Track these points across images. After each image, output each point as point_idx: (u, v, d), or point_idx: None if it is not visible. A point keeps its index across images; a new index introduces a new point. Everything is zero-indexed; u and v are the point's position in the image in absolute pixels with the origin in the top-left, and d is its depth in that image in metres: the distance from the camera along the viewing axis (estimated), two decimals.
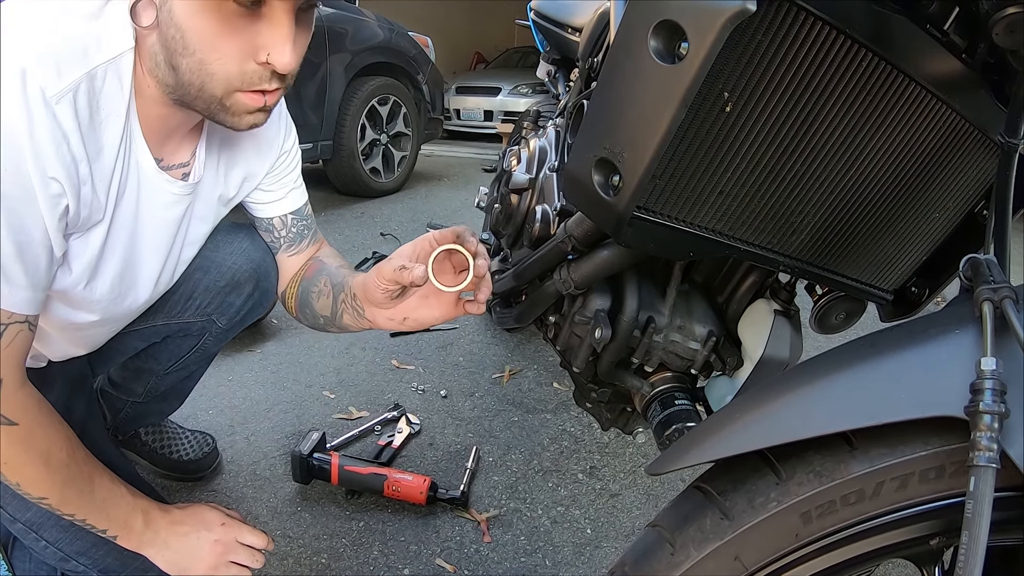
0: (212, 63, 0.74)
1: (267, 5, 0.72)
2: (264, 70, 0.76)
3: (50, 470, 0.81)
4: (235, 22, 0.72)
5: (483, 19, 12.06)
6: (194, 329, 1.16)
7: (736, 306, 1.01)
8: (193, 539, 0.96)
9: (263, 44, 0.74)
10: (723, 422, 0.55)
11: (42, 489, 0.81)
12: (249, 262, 1.11)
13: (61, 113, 0.70)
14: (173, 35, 0.72)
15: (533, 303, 1.09)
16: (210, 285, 1.11)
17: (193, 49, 0.73)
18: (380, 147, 4.21)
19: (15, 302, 0.73)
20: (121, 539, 0.91)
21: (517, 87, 8.04)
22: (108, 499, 0.89)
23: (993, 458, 0.42)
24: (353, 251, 3.11)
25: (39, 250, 0.73)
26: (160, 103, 0.81)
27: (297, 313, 1.15)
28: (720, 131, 0.65)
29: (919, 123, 0.71)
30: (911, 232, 0.83)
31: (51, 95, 0.68)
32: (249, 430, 1.66)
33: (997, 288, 0.47)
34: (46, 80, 0.68)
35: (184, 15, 0.71)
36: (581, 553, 1.31)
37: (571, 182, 0.74)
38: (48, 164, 0.69)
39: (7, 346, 0.74)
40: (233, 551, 0.98)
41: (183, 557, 0.95)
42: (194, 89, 0.76)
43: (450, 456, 1.60)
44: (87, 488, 0.86)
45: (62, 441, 0.82)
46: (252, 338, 2.14)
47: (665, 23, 0.58)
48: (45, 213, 0.71)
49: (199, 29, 0.72)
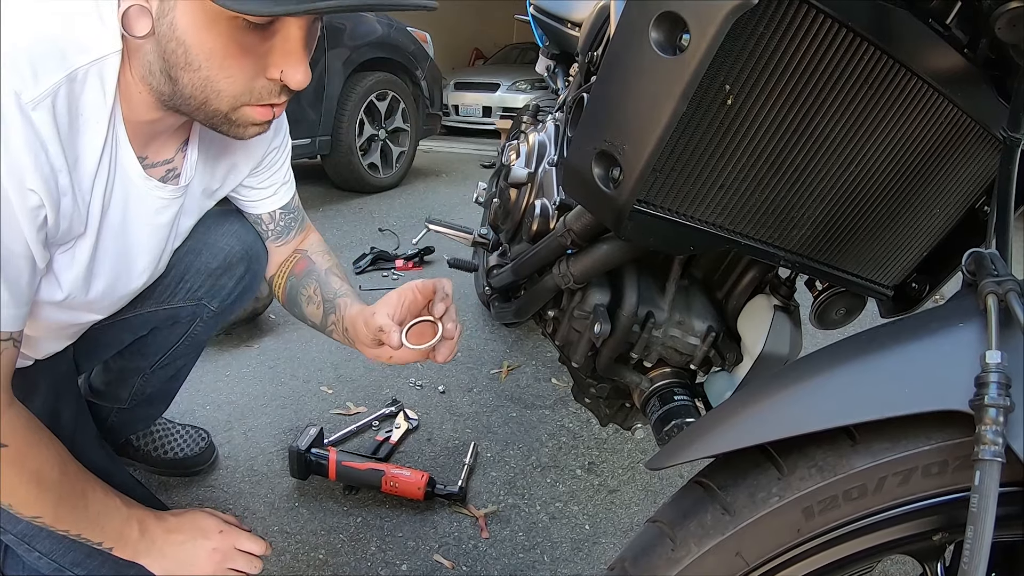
0: (219, 80, 0.71)
1: (280, 22, 0.70)
2: (274, 85, 0.74)
3: (43, 489, 0.78)
4: (245, 39, 0.69)
5: (482, 15, 12.03)
6: (184, 315, 1.15)
7: (736, 301, 1.01)
8: (190, 547, 0.95)
9: (275, 61, 0.72)
10: (724, 416, 0.55)
11: (35, 509, 0.79)
12: (241, 244, 1.10)
13: (38, 120, 0.65)
14: (174, 49, 0.69)
15: (532, 298, 1.08)
16: (201, 267, 1.09)
17: (198, 65, 0.70)
18: (378, 143, 4.21)
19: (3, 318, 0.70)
20: (117, 550, 0.89)
21: (515, 83, 8.02)
22: (102, 512, 0.87)
23: (998, 452, 0.42)
24: (351, 246, 3.11)
25: (21, 264, 0.69)
26: (150, 108, 0.78)
27: (285, 304, 1.16)
28: (721, 124, 0.64)
29: (920, 118, 0.71)
30: (912, 227, 0.83)
31: (27, 100, 0.64)
32: (246, 425, 1.65)
33: (1001, 281, 0.47)
34: (21, 85, 0.63)
35: (188, 30, 0.67)
36: (579, 549, 1.31)
37: (571, 175, 0.73)
38: (26, 175, 0.65)
39: None
40: (231, 559, 0.97)
41: (180, 566, 0.94)
42: (196, 102, 0.73)
43: (448, 452, 1.59)
44: (81, 503, 0.84)
45: (53, 459, 0.80)
46: (249, 333, 2.13)
47: (666, 15, 0.58)
48: (24, 227, 0.67)
49: (206, 46, 0.68)
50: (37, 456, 0.78)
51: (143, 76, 0.74)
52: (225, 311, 1.19)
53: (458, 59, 11.39)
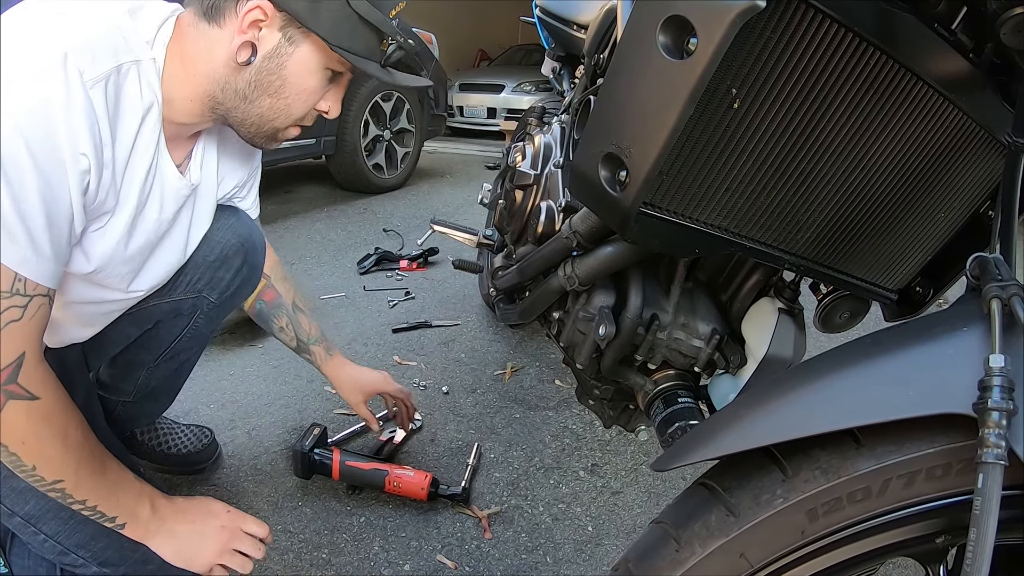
0: (294, 109, 0.93)
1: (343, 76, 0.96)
2: (315, 114, 0.97)
3: (68, 449, 0.81)
4: (325, 84, 0.94)
5: (487, 16, 12.04)
6: (185, 308, 1.18)
7: (740, 304, 1.01)
8: (200, 527, 0.98)
9: (325, 99, 0.96)
10: (729, 418, 0.55)
11: (59, 470, 0.81)
12: (237, 236, 1.17)
13: (95, 97, 0.76)
14: (272, 80, 0.89)
15: (537, 299, 1.09)
16: (200, 260, 1.13)
17: (287, 95, 0.91)
18: (383, 143, 4.21)
19: (41, 273, 0.76)
20: (129, 527, 0.91)
21: (520, 84, 8.03)
22: (118, 483, 0.90)
23: (1001, 455, 0.42)
24: (356, 247, 3.11)
25: (64, 225, 0.77)
26: (192, 114, 0.92)
27: (252, 316, 1.38)
28: (728, 128, 0.65)
29: (926, 122, 0.71)
30: (917, 231, 0.83)
31: (88, 79, 0.74)
32: (250, 425, 1.66)
33: (1005, 286, 0.47)
34: (84, 65, 0.74)
35: (295, 70, 0.89)
36: (582, 550, 1.31)
37: (577, 177, 0.74)
38: (80, 140, 0.74)
39: (30, 318, 0.76)
40: (238, 538, 1.00)
41: (188, 545, 0.96)
42: (260, 120, 0.93)
43: (451, 452, 1.60)
44: (99, 470, 0.86)
45: (77, 420, 0.83)
46: (253, 333, 2.14)
47: (674, 18, 0.58)
48: (72, 187, 0.76)
49: (303, 85, 0.91)
50: (64, 413, 0.82)
51: (210, 90, 0.89)
52: (225, 303, 1.22)
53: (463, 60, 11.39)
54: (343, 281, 2.69)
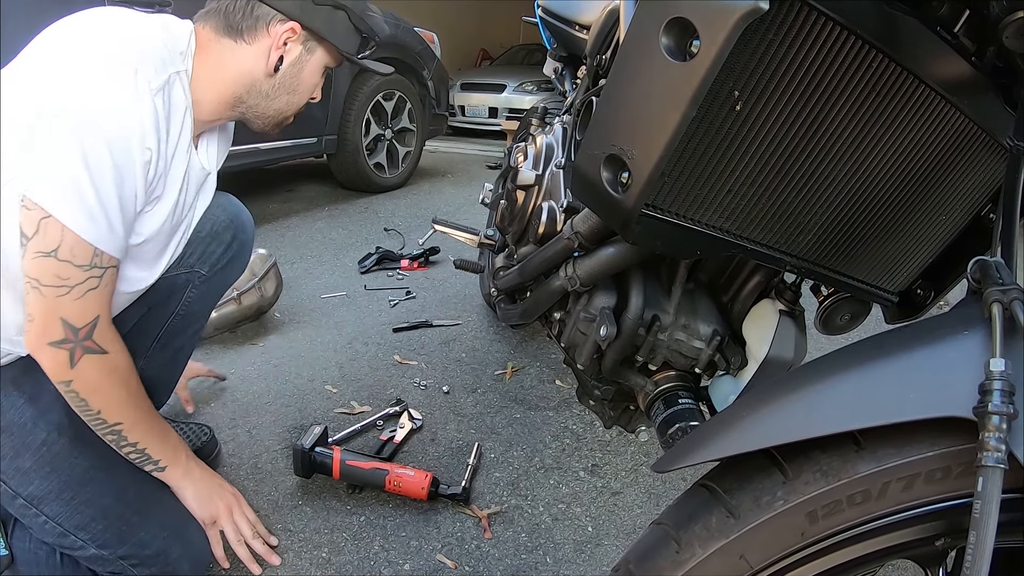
0: (302, 100, 1.17)
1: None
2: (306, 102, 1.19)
3: (130, 395, 1.00)
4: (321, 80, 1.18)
5: (489, 16, 12.04)
6: (179, 282, 1.23)
7: (741, 305, 1.01)
8: (217, 485, 1.20)
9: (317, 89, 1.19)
10: (730, 420, 0.55)
11: (121, 413, 0.99)
12: (226, 214, 1.31)
13: (157, 103, 0.92)
14: (290, 82, 1.12)
15: (538, 300, 1.09)
16: (192, 236, 1.20)
17: (299, 92, 1.15)
18: (384, 142, 4.21)
19: (115, 248, 0.92)
20: (169, 470, 1.10)
21: (522, 84, 8.03)
22: (165, 431, 1.10)
23: (1001, 459, 0.42)
24: (357, 246, 3.12)
25: (130, 206, 0.92)
26: (215, 113, 1.09)
27: None
28: (730, 130, 0.65)
29: (927, 125, 0.71)
30: (918, 234, 0.83)
31: (153, 88, 0.91)
32: (251, 423, 1.66)
33: (1006, 289, 0.47)
34: (149, 76, 0.91)
35: (308, 72, 1.14)
36: (582, 551, 1.32)
37: (579, 179, 0.74)
38: (148, 137, 0.91)
39: (105, 286, 0.93)
40: (237, 516, 1.20)
41: (208, 496, 1.16)
42: (277, 113, 1.15)
43: (452, 452, 1.60)
44: (151, 416, 1.06)
45: (136, 375, 1.02)
46: (255, 331, 2.14)
47: (677, 20, 0.58)
48: (139, 176, 0.91)
49: (311, 82, 1.16)
50: (127, 367, 1.00)
51: (239, 93, 1.08)
52: (215, 277, 1.29)
53: (464, 60, 11.39)
54: (344, 280, 2.69)
